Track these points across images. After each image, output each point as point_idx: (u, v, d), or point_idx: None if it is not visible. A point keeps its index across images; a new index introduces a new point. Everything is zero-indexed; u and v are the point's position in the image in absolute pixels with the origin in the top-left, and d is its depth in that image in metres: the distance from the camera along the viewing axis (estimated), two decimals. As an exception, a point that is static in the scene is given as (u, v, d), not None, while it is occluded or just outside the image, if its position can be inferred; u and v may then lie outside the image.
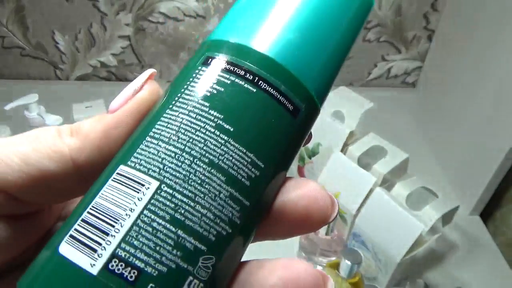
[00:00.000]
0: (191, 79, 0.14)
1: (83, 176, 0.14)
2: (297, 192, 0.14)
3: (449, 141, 0.73)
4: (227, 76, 0.14)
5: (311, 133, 0.17)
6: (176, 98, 0.14)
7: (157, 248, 0.12)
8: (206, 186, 0.13)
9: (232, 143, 0.13)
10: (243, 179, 0.13)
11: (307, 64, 0.15)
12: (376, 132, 0.60)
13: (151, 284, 0.11)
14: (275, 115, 0.14)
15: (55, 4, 0.77)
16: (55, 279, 0.12)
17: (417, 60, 0.86)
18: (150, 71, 0.16)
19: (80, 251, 0.12)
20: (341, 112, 0.62)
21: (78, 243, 0.12)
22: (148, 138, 0.13)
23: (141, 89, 0.15)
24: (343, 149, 0.59)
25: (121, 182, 0.13)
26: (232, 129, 0.13)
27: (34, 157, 0.14)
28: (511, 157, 0.58)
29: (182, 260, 0.12)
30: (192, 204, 0.12)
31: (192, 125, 0.13)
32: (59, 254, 0.12)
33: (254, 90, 0.14)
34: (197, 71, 0.15)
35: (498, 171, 0.60)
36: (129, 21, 0.80)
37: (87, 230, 0.12)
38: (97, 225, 0.12)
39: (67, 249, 0.12)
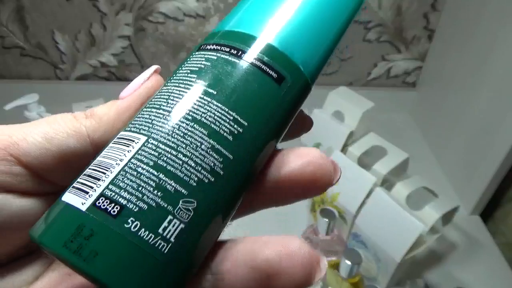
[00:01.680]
0: (185, 63, 0.17)
1: None
2: (303, 159, 0.15)
3: (449, 141, 0.73)
4: (214, 54, 0.16)
5: (310, 119, 0.19)
6: (171, 78, 0.16)
7: (140, 188, 0.13)
8: (188, 138, 0.14)
9: (214, 103, 0.15)
10: (225, 134, 0.15)
11: (292, 39, 0.16)
12: (376, 132, 0.60)
13: (131, 218, 0.13)
14: (258, 81, 0.15)
15: (55, 4, 0.77)
16: (53, 219, 0.14)
17: (417, 60, 0.86)
18: (155, 66, 0.18)
19: (76, 195, 0.14)
20: (341, 112, 0.62)
21: (76, 190, 0.14)
22: (144, 109, 0.16)
23: (148, 80, 0.17)
24: (343, 149, 0.59)
25: (117, 143, 0.15)
26: (215, 93, 0.15)
27: (55, 135, 0.15)
28: (511, 157, 0.58)
29: (162, 199, 0.13)
30: (174, 152, 0.14)
31: (180, 92, 0.15)
32: (61, 201, 0.14)
33: (237, 61, 0.16)
34: (191, 56, 0.17)
35: (498, 171, 0.60)
36: (129, 21, 0.80)
37: (85, 180, 0.14)
38: (92, 175, 0.14)
39: (67, 196, 0.14)
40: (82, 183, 0.14)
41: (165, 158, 0.14)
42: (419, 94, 0.86)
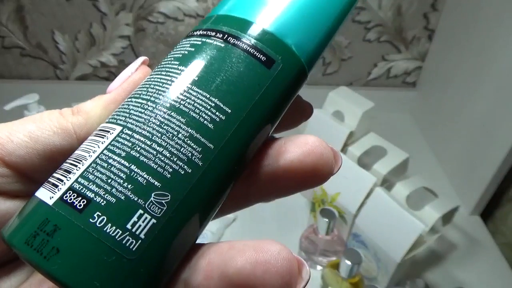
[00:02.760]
0: (172, 52, 0.16)
1: None
2: (302, 149, 0.14)
3: (449, 141, 0.73)
4: (199, 39, 0.15)
5: (310, 105, 0.18)
6: (156, 67, 0.16)
7: (109, 180, 0.12)
8: (165, 127, 0.13)
9: (195, 89, 0.14)
10: (205, 122, 0.14)
11: (284, 20, 0.15)
12: (376, 132, 0.60)
13: (97, 213, 0.12)
14: (244, 65, 0.14)
15: (55, 4, 0.77)
16: (21, 216, 0.13)
17: (417, 60, 0.86)
18: (142, 58, 0.17)
19: (46, 189, 0.13)
20: (341, 112, 0.62)
21: (48, 184, 0.13)
22: (126, 100, 0.15)
23: (135, 72, 0.17)
24: (343, 149, 0.59)
25: (94, 135, 0.14)
26: (196, 78, 0.14)
27: (40, 133, 0.15)
28: (511, 157, 0.58)
29: (132, 192, 0.12)
30: (148, 142, 0.13)
31: (161, 80, 0.14)
32: (33, 196, 0.13)
33: (223, 45, 0.15)
34: (178, 45, 0.16)
35: (498, 171, 0.60)
36: (129, 21, 0.80)
37: (58, 173, 0.13)
38: (65, 168, 0.13)
39: (39, 191, 0.13)
40: (55, 177, 0.13)
41: (138, 148, 0.13)
42: (419, 94, 0.86)
